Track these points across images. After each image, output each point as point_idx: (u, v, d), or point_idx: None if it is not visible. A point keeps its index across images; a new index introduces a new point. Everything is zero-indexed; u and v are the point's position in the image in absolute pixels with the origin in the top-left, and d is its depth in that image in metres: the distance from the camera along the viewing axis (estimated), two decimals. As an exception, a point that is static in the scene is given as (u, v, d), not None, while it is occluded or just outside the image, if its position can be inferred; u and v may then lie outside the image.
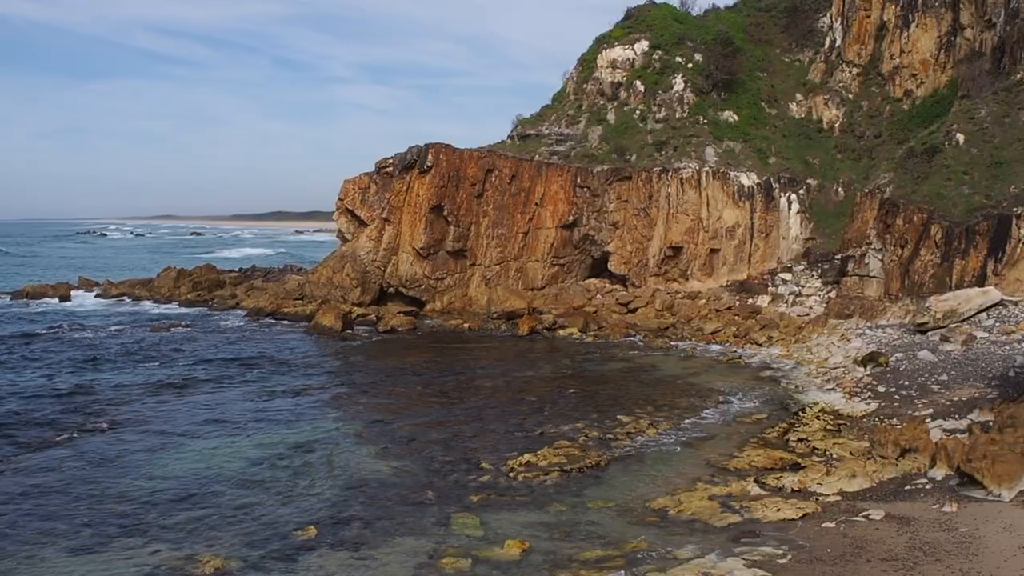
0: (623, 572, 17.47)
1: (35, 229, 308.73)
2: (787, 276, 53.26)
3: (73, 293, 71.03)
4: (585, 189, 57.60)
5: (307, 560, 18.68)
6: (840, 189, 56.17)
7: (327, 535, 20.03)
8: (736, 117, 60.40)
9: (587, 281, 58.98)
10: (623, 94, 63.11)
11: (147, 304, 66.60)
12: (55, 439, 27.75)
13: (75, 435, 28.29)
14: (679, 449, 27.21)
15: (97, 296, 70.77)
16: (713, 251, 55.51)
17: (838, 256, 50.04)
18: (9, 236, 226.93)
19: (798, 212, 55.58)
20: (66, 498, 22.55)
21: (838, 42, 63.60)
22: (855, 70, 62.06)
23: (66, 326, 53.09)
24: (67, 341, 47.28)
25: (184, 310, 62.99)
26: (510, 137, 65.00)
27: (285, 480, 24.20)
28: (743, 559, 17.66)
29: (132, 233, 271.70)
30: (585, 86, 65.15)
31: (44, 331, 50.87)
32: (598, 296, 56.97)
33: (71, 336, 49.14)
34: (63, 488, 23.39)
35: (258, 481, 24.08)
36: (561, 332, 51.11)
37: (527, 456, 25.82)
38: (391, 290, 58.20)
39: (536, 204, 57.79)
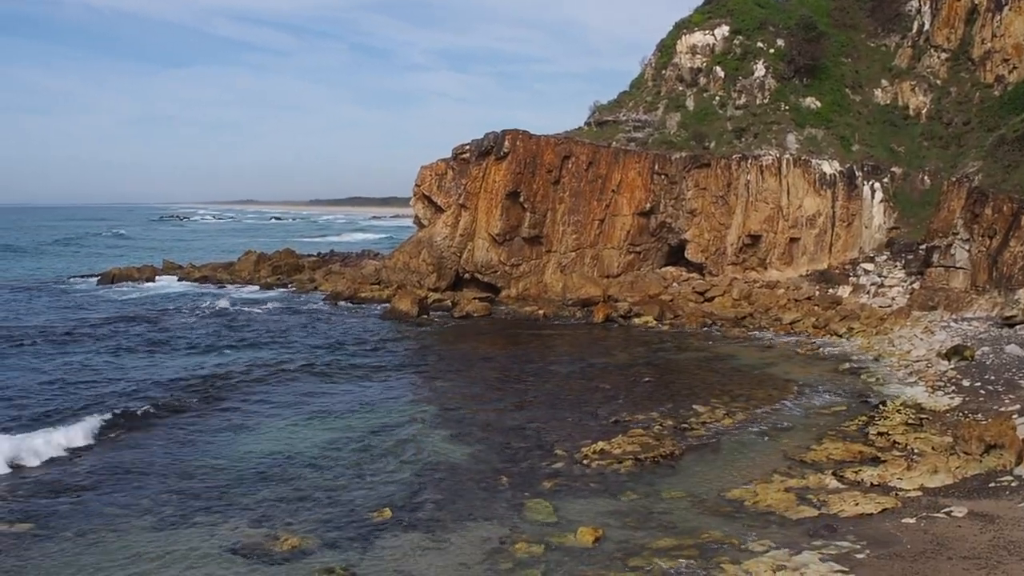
0: (694, 561, 17.36)
1: (128, 214, 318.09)
2: (869, 266, 52.14)
3: (157, 276, 72.78)
4: (663, 176, 57.10)
5: (381, 541, 18.95)
6: (926, 177, 54.68)
7: (401, 517, 20.28)
8: (819, 103, 59.21)
9: (663, 269, 58.50)
10: (702, 80, 62.32)
11: (229, 288, 68.01)
12: (142, 418, 28.52)
13: (161, 415, 29.05)
14: (756, 440, 26.91)
15: (180, 280, 72.43)
16: (793, 240, 54.59)
17: (923, 246, 48.83)
18: (107, 220, 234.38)
19: (881, 201, 54.32)
20: (151, 475, 23.26)
21: (926, 26, 61.83)
22: (944, 55, 60.29)
23: (151, 309, 54.57)
24: (152, 324, 48.51)
25: (264, 294, 64.17)
26: (587, 124, 64.74)
27: (361, 462, 24.57)
28: (819, 553, 17.40)
29: (216, 217, 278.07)
30: (664, 72, 64.48)
31: (130, 314, 52.32)
32: (674, 284, 56.47)
33: (156, 319, 50.42)
34: (149, 465, 24.13)
35: (335, 463, 24.50)
36: (636, 320, 50.84)
37: (601, 444, 25.77)
38: (467, 276, 58.50)
39: (613, 191, 57.46)
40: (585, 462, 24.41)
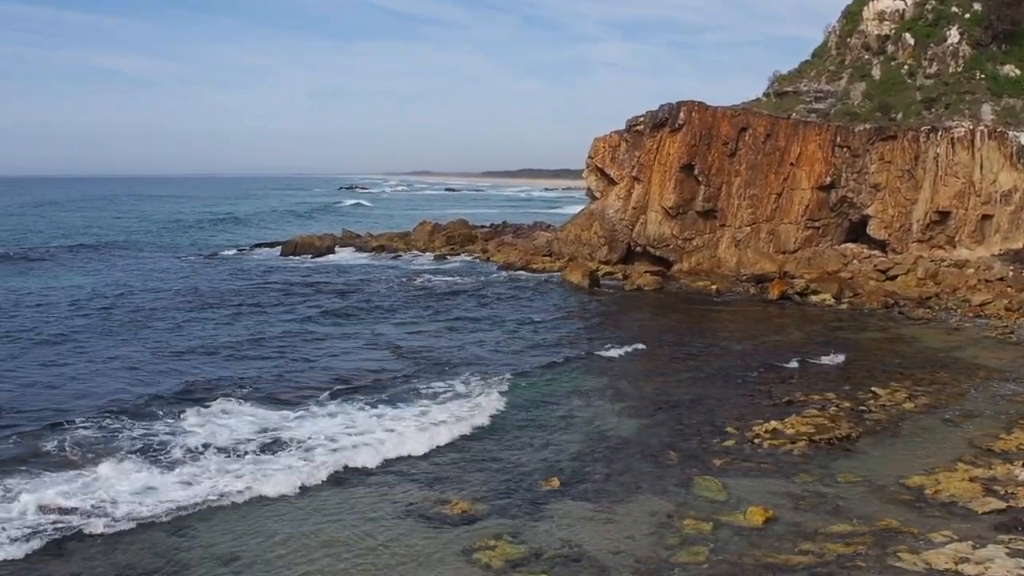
0: (869, 549, 16.86)
1: (324, 183, 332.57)
2: (1071, 246, 48.75)
3: (337, 247, 74.90)
4: (845, 149, 54.97)
5: (549, 509, 19.26)
6: None
7: (570, 487, 20.55)
8: (1018, 71, 55.56)
9: (843, 246, 56.40)
10: (890, 48, 59.56)
11: (406, 256, 69.90)
12: (324, 384, 29.84)
13: (341, 379, 30.31)
14: (939, 426, 25.79)
15: (358, 249, 74.70)
16: (985, 217, 51.57)
17: None
18: (306, 189, 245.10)
19: (1087, 176, 50.57)
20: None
21: None
22: None
23: (341, 278, 56.68)
24: (340, 295, 49.57)
25: (439, 264, 65.57)
26: (766, 94, 63.08)
27: (531, 431, 25.00)
28: (1006, 548, 16.58)
29: (408, 187, 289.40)
30: (848, 40, 62.02)
31: (319, 282, 54.31)
32: (854, 262, 54.41)
33: (346, 289, 51.88)
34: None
35: (505, 431, 25.03)
36: (813, 298, 49.25)
37: (774, 423, 25.27)
38: (638, 249, 58.21)
39: (791, 164, 55.78)
40: (756, 441, 24.02)
